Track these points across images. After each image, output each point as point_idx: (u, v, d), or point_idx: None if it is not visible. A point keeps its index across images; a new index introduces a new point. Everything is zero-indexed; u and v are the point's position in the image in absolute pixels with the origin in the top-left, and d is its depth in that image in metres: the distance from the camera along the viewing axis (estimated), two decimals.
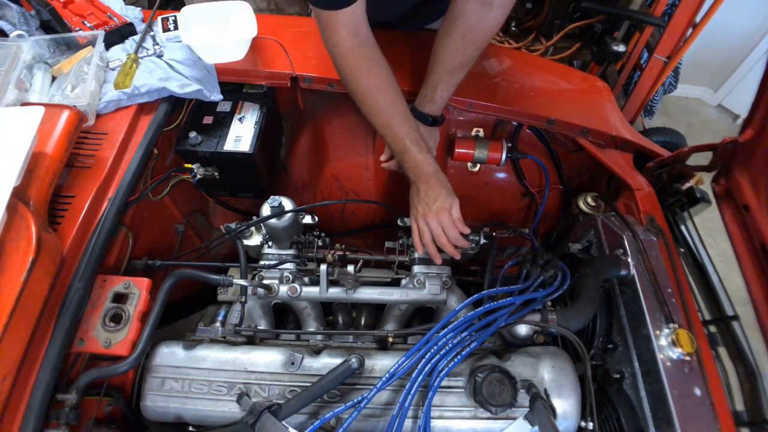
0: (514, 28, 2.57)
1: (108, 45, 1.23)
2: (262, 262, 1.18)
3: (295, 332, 1.13)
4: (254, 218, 1.15)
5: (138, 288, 0.96)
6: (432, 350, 0.92)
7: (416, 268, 1.19)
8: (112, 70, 1.18)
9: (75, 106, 1.00)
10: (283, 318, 1.26)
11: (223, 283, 1.05)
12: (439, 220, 1.05)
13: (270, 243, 1.21)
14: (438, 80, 1.14)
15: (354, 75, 1.06)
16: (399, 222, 1.26)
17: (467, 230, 1.08)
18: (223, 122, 1.29)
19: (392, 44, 1.38)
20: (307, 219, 1.24)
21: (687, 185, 1.18)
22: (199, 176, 1.24)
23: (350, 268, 1.06)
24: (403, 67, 1.32)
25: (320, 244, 1.27)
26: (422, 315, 1.25)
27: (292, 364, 0.96)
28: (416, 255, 1.20)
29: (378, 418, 0.92)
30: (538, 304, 1.00)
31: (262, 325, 1.14)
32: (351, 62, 1.06)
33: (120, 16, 1.28)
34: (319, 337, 1.12)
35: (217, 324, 1.07)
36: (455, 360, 0.91)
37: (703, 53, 2.93)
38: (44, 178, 0.89)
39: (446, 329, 0.95)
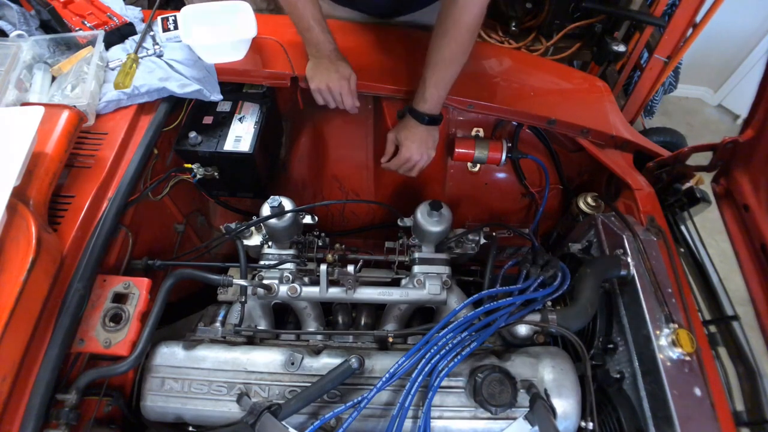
0: (514, 28, 2.57)
1: (108, 45, 1.23)
2: (262, 262, 1.18)
3: (295, 332, 1.13)
4: (254, 218, 1.15)
5: (138, 288, 0.96)
6: (432, 350, 0.92)
7: (416, 268, 1.19)
8: (112, 70, 1.18)
9: (75, 106, 1.00)
10: (283, 318, 1.26)
11: (223, 283, 1.05)
12: (339, 88, 1.22)
13: (270, 243, 1.21)
14: (426, 75, 1.16)
15: None
16: (399, 222, 1.26)
17: (357, 103, 1.28)
18: (223, 122, 1.29)
19: (390, 43, 1.38)
20: (307, 219, 1.24)
21: (687, 185, 1.18)
22: (199, 176, 1.24)
23: (350, 268, 1.06)
24: (399, 66, 1.32)
25: (320, 244, 1.26)
26: (422, 315, 1.25)
27: (292, 364, 0.96)
28: (416, 255, 1.20)
29: (378, 418, 0.92)
30: (538, 304, 1.00)
31: (262, 325, 1.14)
32: None
33: (120, 16, 1.28)
34: (319, 337, 1.12)
35: (217, 324, 1.07)
36: (455, 360, 0.91)
37: (703, 53, 2.93)
38: (44, 178, 0.89)
39: (446, 329, 0.95)
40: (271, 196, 1.12)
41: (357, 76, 1.25)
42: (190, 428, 1.00)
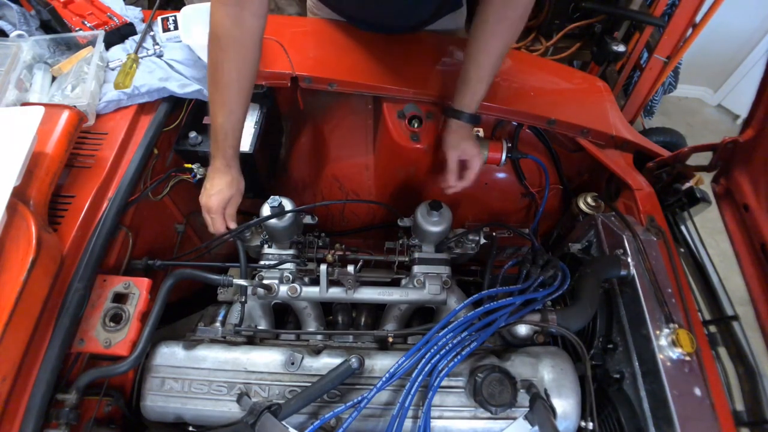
0: None
1: (108, 45, 1.23)
2: (262, 262, 1.18)
3: (295, 332, 1.13)
4: (254, 218, 1.15)
5: (138, 288, 0.96)
6: (432, 350, 0.92)
7: (416, 268, 1.19)
8: (112, 70, 1.18)
9: (75, 106, 1.00)
10: (283, 318, 1.26)
11: (223, 283, 1.05)
12: (209, 207, 1.09)
13: (270, 243, 1.21)
14: (480, 75, 1.10)
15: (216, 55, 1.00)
16: (399, 222, 1.26)
17: (233, 225, 1.14)
18: None
19: (390, 42, 1.38)
20: (307, 219, 1.24)
21: (687, 185, 1.18)
22: (199, 176, 1.24)
23: (350, 268, 1.06)
24: (399, 66, 1.32)
25: (320, 244, 1.26)
26: (422, 315, 1.25)
27: (292, 364, 0.96)
28: (416, 255, 1.20)
29: (378, 418, 0.92)
30: (538, 304, 1.00)
31: (262, 325, 1.14)
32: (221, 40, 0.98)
33: (120, 16, 1.28)
34: (319, 337, 1.12)
35: (217, 324, 1.07)
36: (455, 360, 0.91)
37: (703, 53, 2.93)
38: (44, 178, 0.89)
39: (446, 329, 0.95)
40: (271, 196, 1.12)
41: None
42: (190, 428, 1.00)
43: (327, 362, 0.96)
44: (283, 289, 1.10)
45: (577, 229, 1.24)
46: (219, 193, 1.08)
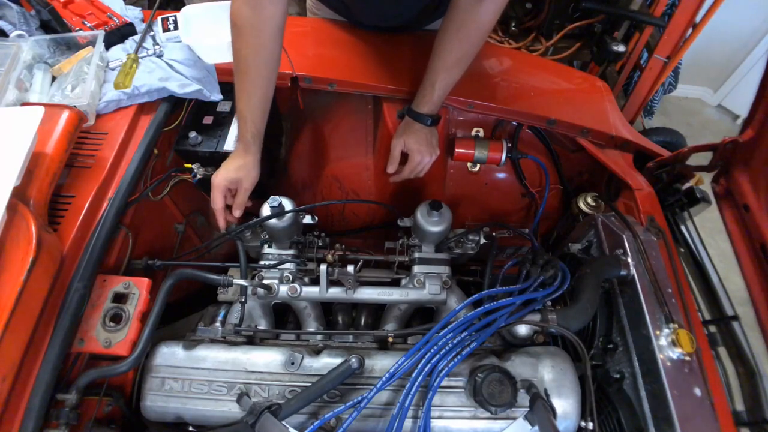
0: (514, 28, 2.57)
1: (108, 45, 1.23)
2: (262, 262, 1.18)
3: (295, 332, 1.13)
4: (254, 218, 1.15)
5: (138, 288, 0.96)
6: (432, 350, 0.92)
7: (416, 268, 1.19)
8: (112, 70, 1.18)
9: (75, 106, 1.00)
10: (283, 318, 1.26)
11: (223, 283, 1.05)
12: (213, 181, 1.13)
13: (270, 243, 1.21)
14: (435, 78, 1.13)
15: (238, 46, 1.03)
16: (399, 222, 1.26)
17: (238, 213, 1.17)
18: (223, 122, 1.29)
19: (391, 42, 1.39)
20: (307, 219, 1.24)
21: (687, 185, 1.18)
22: (199, 176, 1.24)
23: (350, 268, 1.06)
24: (399, 66, 1.32)
25: (320, 244, 1.26)
26: (422, 315, 1.25)
27: (292, 364, 0.96)
28: (416, 255, 1.20)
29: (378, 418, 0.92)
30: (538, 304, 1.00)
31: (262, 325, 1.14)
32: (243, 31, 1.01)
33: (120, 16, 1.28)
34: (319, 337, 1.12)
35: (217, 324, 1.07)
36: (455, 360, 0.91)
37: (703, 53, 2.93)
38: (44, 178, 0.89)
39: (446, 329, 0.95)
40: (271, 196, 1.12)
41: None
42: (190, 428, 1.00)
43: (327, 362, 0.96)
44: (283, 289, 1.10)
45: (577, 229, 1.24)
46: (225, 171, 1.12)
